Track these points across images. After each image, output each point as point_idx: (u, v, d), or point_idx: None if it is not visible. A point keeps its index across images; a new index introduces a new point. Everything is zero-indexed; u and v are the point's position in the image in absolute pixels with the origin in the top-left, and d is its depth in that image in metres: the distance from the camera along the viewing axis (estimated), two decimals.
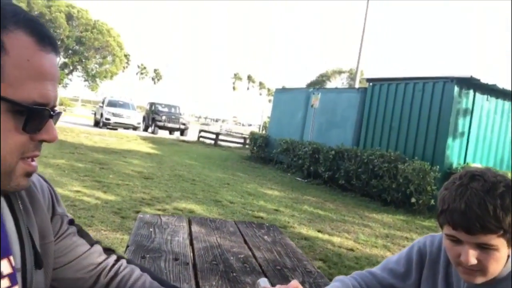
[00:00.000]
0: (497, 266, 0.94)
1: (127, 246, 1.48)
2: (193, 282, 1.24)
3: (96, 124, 21.37)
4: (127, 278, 0.90)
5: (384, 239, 5.51)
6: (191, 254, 1.51)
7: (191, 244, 1.63)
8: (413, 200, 7.51)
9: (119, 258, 0.95)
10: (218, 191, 7.25)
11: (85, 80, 45.93)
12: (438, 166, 7.62)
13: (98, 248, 0.91)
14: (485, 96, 8.35)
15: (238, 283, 1.30)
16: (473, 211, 0.89)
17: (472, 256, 0.92)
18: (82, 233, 0.90)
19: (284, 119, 13.44)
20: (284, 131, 12.74)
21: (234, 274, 1.37)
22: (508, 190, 0.91)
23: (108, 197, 5.65)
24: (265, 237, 1.89)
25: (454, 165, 8.03)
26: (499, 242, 0.91)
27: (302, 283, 1.40)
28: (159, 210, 5.29)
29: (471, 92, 8.17)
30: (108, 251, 0.94)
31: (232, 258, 1.53)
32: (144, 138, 16.69)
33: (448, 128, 7.95)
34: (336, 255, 4.43)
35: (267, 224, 2.14)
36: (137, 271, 0.93)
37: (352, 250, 4.76)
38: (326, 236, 5.19)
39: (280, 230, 2.09)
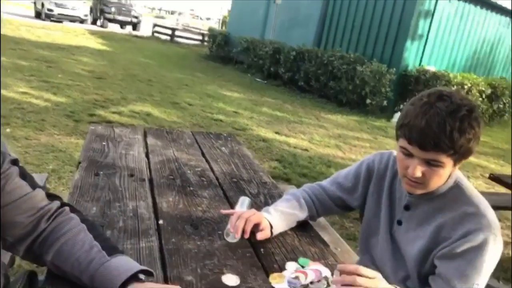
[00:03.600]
0: (438, 181, 1.01)
1: (79, 163, 1.44)
2: (150, 200, 1.25)
3: (38, 15, 19.28)
4: (62, 226, 0.86)
5: (337, 139, 5.80)
6: (147, 169, 1.50)
7: (147, 158, 1.62)
8: (368, 101, 7.77)
9: (63, 204, 0.90)
10: (176, 93, 7.09)
11: None
12: (394, 68, 7.77)
13: (40, 192, 0.87)
14: None
15: (195, 197, 1.33)
16: (432, 129, 0.92)
17: (418, 170, 0.98)
18: (25, 175, 0.86)
19: (245, 15, 12.77)
20: (244, 29, 12.21)
21: (191, 188, 1.40)
22: (469, 114, 0.94)
23: (59, 99, 5.38)
24: (223, 148, 1.90)
25: (410, 67, 8.22)
26: (446, 161, 0.96)
27: (257, 194, 1.46)
28: (114, 112, 5.15)
29: None
30: (52, 197, 0.90)
31: (189, 172, 1.54)
32: (93, 33, 15.45)
33: (409, 29, 7.93)
34: (291, 156, 4.64)
35: (225, 134, 2.15)
36: (75, 221, 0.88)
37: (306, 150, 4.99)
38: (283, 138, 5.37)
39: (238, 140, 2.11)
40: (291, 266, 1.01)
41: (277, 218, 1.16)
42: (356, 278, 0.85)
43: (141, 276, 0.82)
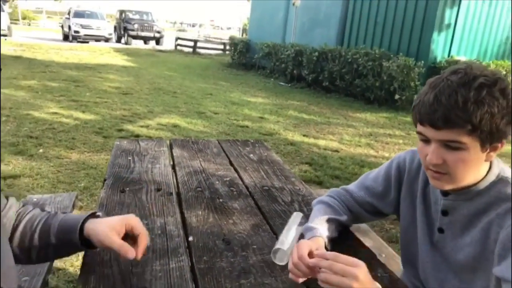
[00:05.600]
0: (465, 170, 0.84)
1: (104, 180, 1.39)
2: (178, 215, 1.18)
3: (65, 38, 20.04)
4: (23, 212, 0.89)
5: (368, 137, 5.61)
6: (174, 182, 1.44)
7: (174, 170, 1.56)
8: (396, 96, 7.52)
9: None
10: (201, 102, 7.11)
11: None
12: (422, 61, 7.50)
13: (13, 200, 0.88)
14: None
15: (225, 209, 1.25)
16: (440, 102, 0.79)
17: (436, 155, 0.83)
18: None
19: (264, 21, 12.74)
20: (265, 34, 12.18)
21: (221, 200, 1.32)
22: (489, 84, 0.79)
23: (87, 116, 5.48)
24: (251, 155, 1.82)
25: (439, 59, 7.91)
26: (469, 141, 0.80)
27: (291, 202, 1.36)
28: (141, 126, 5.19)
29: None
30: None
31: (217, 182, 1.47)
32: (118, 50, 15.86)
33: (435, 21, 7.65)
34: (322, 158, 4.51)
35: (252, 140, 2.07)
36: (35, 210, 0.91)
37: (337, 151, 4.85)
38: (311, 140, 5.24)
39: (266, 145, 2.02)
40: None
41: (326, 230, 1.03)
42: (333, 264, 0.76)
43: (98, 213, 0.89)
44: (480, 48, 8.54)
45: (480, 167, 0.87)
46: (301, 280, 0.89)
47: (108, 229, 0.81)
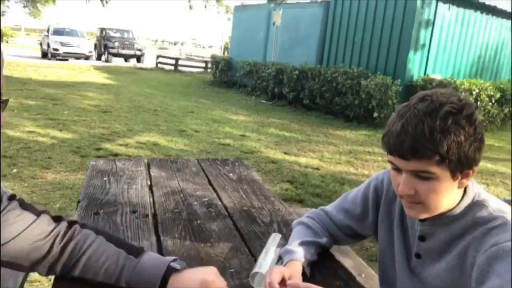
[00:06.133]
0: (437, 199, 0.84)
1: (78, 202, 1.35)
2: (154, 238, 1.15)
3: (44, 55, 19.75)
4: (82, 244, 0.89)
5: (348, 155, 5.67)
6: (151, 203, 1.41)
7: (151, 191, 1.52)
8: (375, 114, 7.67)
9: (71, 223, 0.93)
10: (182, 120, 7.07)
11: (25, 6, 41.43)
12: (399, 80, 7.69)
13: (45, 217, 0.90)
14: (447, 5, 8.22)
15: (203, 231, 1.23)
16: (407, 132, 0.78)
17: (407, 186, 0.82)
18: (25, 206, 0.89)
19: (245, 40, 12.89)
20: (246, 53, 12.30)
21: (198, 221, 1.29)
22: (455, 112, 0.78)
23: (65, 135, 5.37)
24: (231, 174, 1.80)
25: (415, 78, 8.14)
26: (438, 171, 0.79)
27: (270, 222, 1.35)
28: (120, 145, 5.11)
29: (433, 2, 8.00)
30: (58, 218, 0.92)
31: (195, 203, 1.44)
32: (98, 68, 15.72)
33: (410, 40, 7.90)
34: (303, 175, 4.52)
35: (232, 159, 2.05)
36: (92, 235, 0.91)
37: (317, 169, 4.87)
38: (292, 158, 5.26)
39: (246, 164, 2.01)
40: None
41: (305, 253, 1.01)
42: None
43: (175, 265, 0.86)
44: (454, 66, 8.85)
45: (453, 194, 0.86)
46: None
47: None
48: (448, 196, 0.85)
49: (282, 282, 0.88)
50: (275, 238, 1.11)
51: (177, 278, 0.83)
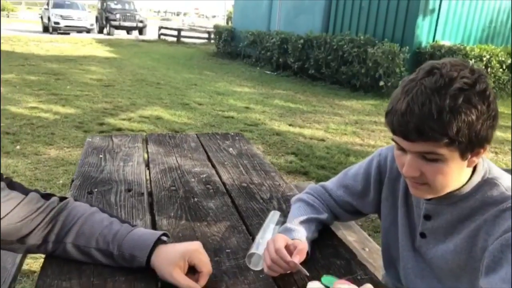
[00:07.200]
0: (445, 181, 0.78)
1: (72, 181, 1.31)
2: (148, 217, 1.11)
3: (45, 29, 19.50)
4: (75, 212, 0.90)
5: (354, 125, 5.58)
6: (147, 181, 1.37)
7: (147, 168, 1.48)
8: (381, 83, 7.50)
9: (62, 198, 0.94)
10: (185, 93, 6.98)
11: None
12: (407, 47, 7.47)
13: (34, 195, 0.90)
14: None
15: (199, 209, 1.19)
16: (413, 113, 0.71)
17: (412, 168, 0.76)
18: (13, 185, 0.90)
19: (249, 9, 12.56)
20: (250, 22, 12.02)
21: (195, 199, 1.25)
22: (467, 88, 0.70)
23: (68, 110, 5.33)
24: (230, 149, 1.75)
25: (423, 44, 7.90)
26: (446, 152, 0.73)
27: (270, 199, 1.30)
28: (123, 119, 5.07)
29: None
30: (48, 195, 0.92)
31: (193, 180, 1.40)
32: (100, 41, 15.52)
33: (419, 5, 7.60)
34: (308, 147, 4.47)
35: (232, 133, 2.00)
36: (85, 205, 0.94)
37: (322, 140, 4.81)
38: (297, 129, 5.19)
39: (247, 138, 1.95)
40: (313, 286, 0.85)
41: (306, 231, 0.96)
42: None
43: (164, 238, 0.89)
44: (464, 32, 8.55)
45: (462, 174, 0.80)
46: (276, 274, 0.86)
47: (171, 267, 0.82)
48: (456, 176, 0.79)
49: (286, 248, 0.87)
50: (274, 216, 1.06)
51: (162, 248, 0.85)
